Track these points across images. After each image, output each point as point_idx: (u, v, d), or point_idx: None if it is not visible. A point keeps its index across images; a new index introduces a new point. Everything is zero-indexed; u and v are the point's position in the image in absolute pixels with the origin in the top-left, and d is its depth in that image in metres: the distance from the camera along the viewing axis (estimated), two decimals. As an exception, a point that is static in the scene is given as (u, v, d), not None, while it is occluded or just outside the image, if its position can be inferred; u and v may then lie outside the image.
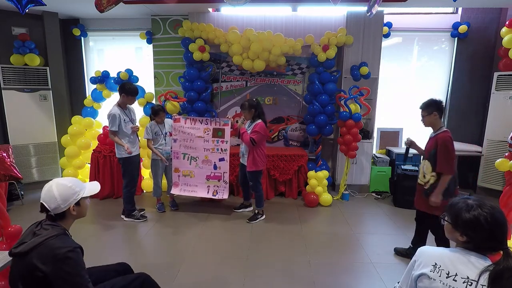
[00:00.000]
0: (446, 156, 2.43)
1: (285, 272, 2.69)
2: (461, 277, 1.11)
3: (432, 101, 2.56)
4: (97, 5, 2.70)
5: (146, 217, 3.73)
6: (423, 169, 2.62)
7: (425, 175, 2.59)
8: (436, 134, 2.57)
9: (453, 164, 2.46)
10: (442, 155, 2.44)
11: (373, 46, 4.46)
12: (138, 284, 1.73)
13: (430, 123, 2.59)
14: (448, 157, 2.43)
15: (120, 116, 3.42)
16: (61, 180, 1.47)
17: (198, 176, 3.96)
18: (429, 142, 2.64)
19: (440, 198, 2.45)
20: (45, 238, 1.34)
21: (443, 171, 2.44)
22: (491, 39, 4.68)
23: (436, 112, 2.53)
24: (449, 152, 2.43)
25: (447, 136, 2.47)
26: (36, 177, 4.76)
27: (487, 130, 4.57)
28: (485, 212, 1.13)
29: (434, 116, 2.54)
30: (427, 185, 2.56)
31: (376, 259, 2.91)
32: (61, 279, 1.30)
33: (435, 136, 2.56)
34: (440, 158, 2.45)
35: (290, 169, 4.40)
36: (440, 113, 2.54)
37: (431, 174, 2.52)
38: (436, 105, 2.53)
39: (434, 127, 2.60)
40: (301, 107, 4.88)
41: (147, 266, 2.65)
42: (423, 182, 2.61)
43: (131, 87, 3.48)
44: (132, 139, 3.57)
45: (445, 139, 2.45)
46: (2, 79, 4.37)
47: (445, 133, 2.50)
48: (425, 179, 2.58)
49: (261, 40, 4.08)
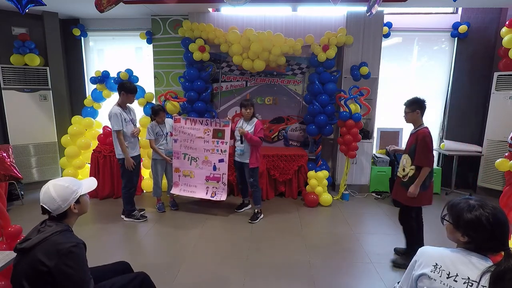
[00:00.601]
0: (425, 150, 2.56)
1: (285, 272, 2.69)
2: (461, 278, 1.11)
3: (416, 100, 2.69)
4: (97, 5, 2.70)
5: (146, 217, 3.73)
6: (403, 163, 2.75)
7: (404, 168, 2.71)
8: (416, 130, 2.68)
9: (432, 158, 2.60)
10: (422, 149, 2.57)
11: (373, 46, 4.46)
12: (138, 283, 1.74)
13: (412, 120, 2.72)
14: (427, 151, 2.56)
15: (121, 115, 3.42)
16: (57, 181, 1.48)
17: (198, 176, 3.96)
18: (410, 138, 2.75)
19: (417, 190, 2.59)
20: (50, 234, 1.38)
21: (422, 164, 2.57)
22: (491, 39, 4.68)
23: (418, 110, 2.66)
24: (428, 147, 2.56)
25: (426, 132, 2.60)
26: (36, 177, 4.76)
27: (487, 130, 4.57)
28: (487, 212, 1.13)
29: (416, 113, 2.68)
30: (405, 177, 2.69)
31: (376, 259, 2.91)
32: (64, 273, 1.33)
33: (415, 132, 2.68)
34: (419, 152, 2.57)
35: (290, 169, 4.40)
36: (422, 111, 2.68)
37: (410, 168, 2.65)
38: (419, 103, 2.67)
39: (415, 124, 2.73)
40: (301, 107, 4.88)
41: (147, 266, 2.65)
42: (402, 175, 2.74)
43: (130, 85, 3.49)
44: (133, 140, 3.57)
45: (424, 134, 2.58)
46: (2, 79, 4.37)
47: (425, 129, 2.63)
48: (404, 172, 2.71)
49: (261, 40, 4.08)
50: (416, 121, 2.70)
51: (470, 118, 4.89)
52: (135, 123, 3.65)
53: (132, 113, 3.65)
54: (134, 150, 3.57)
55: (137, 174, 3.74)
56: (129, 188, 3.63)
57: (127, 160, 3.46)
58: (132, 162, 3.49)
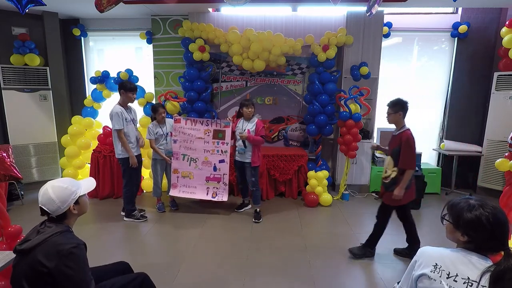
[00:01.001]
0: (409, 153, 2.57)
1: (285, 272, 2.69)
2: (461, 278, 1.11)
3: (399, 101, 2.68)
4: (97, 5, 2.69)
5: (146, 217, 3.73)
6: (385, 164, 2.77)
7: (386, 170, 2.73)
8: (399, 132, 2.69)
9: (414, 159, 2.62)
10: (405, 153, 2.58)
11: (373, 46, 4.46)
12: (138, 283, 1.74)
13: (395, 121, 2.71)
14: (411, 153, 2.58)
15: (122, 115, 3.42)
16: (56, 182, 1.47)
17: (198, 177, 3.95)
18: (392, 139, 2.75)
19: (403, 191, 2.61)
20: (50, 235, 1.37)
21: (406, 167, 2.59)
22: (491, 39, 4.68)
23: (401, 112, 2.65)
24: (411, 149, 2.58)
25: (409, 134, 2.61)
26: (36, 177, 4.76)
27: (487, 130, 4.57)
28: (487, 212, 1.13)
29: (399, 115, 2.66)
30: (388, 179, 2.71)
31: (376, 259, 2.91)
32: (64, 274, 1.32)
33: (398, 134, 2.68)
34: (403, 155, 2.59)
35: (290, 169, 4.40)
36: (405, 113, 2.67)
37: (393, 169, 2.68)
38: (402, 105, 2.65)
39: (398, 125, 2.72)
40: (301, 107, 4.88)
41: (147, 266, 2.65)
42: (384, 177, 2.77)
43: (129, 83, 3.51)
44: (134, 141, 3.57)
45: (408, 137, 2.59)
46: (2, 79, 4.37)
47: (408, 131, 2.63)
48: (387, 173, 2.73)
49: (261, 40, 4.08)
50: (398, 123, 2.70)
51: (470, 118, 4.89)
52: (136, 123, 3.66)
53: (133, 113, 3.65)
54: (135, 150, 3.58)
55: (138, 174, 3.74)
56: (130, 187, 3.63)
57: (131, 158, 3.48)
58: (136, 161, 3.52)
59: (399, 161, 2.62)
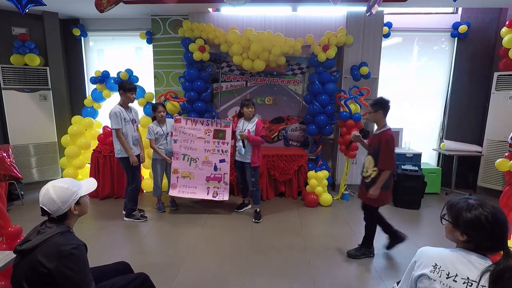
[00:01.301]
0: (387, 153, 2.56)
1: (285, 272, 2.69)
2: (461, 278, 1.11)
3: (380, 100, 2.67)
4: (97, 5, 2.70)
5: (146, 218, 3.73)
6: (366, 164, 2.75)
7: (367, 169, 2.72)
8: (380, 131, 2.67)
9: (393, 160, 2.61)
10: (384, 153, 2.57)
11: (373, 46, 4.46)
12: (138, 283, 1.74)
13: (375, 120, 2.71)
14: (389, 154, 2.57)
15: (121, 114, 3.43)
16: (57, 182, 1.47)
17: (198, 177, 3.95)
18: (373, 138, 2.74)
19: (378, 191, 2.61)
20: (50, 235, 1.37)
21: (384, 168, 2.58)
22: (491, 39, 4.68)
23: (381, 111, 2.64)
24: (390, 150, 2.56)
25: (389, 134, 2.59)
26: (36, 177, 4.76)
27: (487, 130, 4.57)
28: (486, 211, 1.13)
29: (379, 114, 2.65)
30: (368, 178, 2.70)
31: (376, 259, 2.91)
32: (65, 275, 1.32)
33: (379, 133, 2.67)
34: (382, 155, 2.58)
35: (290, 169, 4.40)
36: (385, 112, 2.66)
37: (373, 169, 2.66)
38: (382, 104, 2.64)
39: (378, 124, 2.71)
40: (301, 107, 4.88)
41: (147, 266, 2.65)
42: (365, 176, 2.75)
43: (128, 84, 3.53)
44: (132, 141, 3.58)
45: (388, 137, 2.57)
46: (2, 79, 4.37)
47: (388, 131, 2.62)
48: (367, 173, 2.71)
49: (261, 40, 4.08)
50: (379, 122, 2.69)
51: (470, 118, 4.89)
52: (135, 123, 3.66)
53: (134, 113, 3.66)
54: (135, 149, 3.59)
55: (139, 172, 3.75)
56: (135, 185, 3.64)
57: (131, 157, 3.49)
58: (136, 160, 3.54)
59: (378, 161, 2.62)
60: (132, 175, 3.61)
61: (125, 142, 3.46)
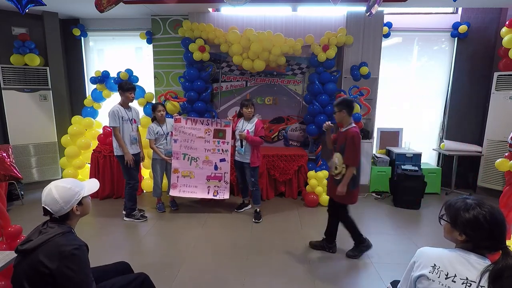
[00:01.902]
0: (353, 149, 2.64)
1: (285, 272, 2.69)
2: (460, 278, 1.11)
3: (343, 100, 2.75)
4: (97, 5, 2.70)
5: (146, 217, 3.74)
6: (335, 161, 2.80)
7: (337, 167, 2.77)
8: (345, 129, 2.74)
9: (358, 157, 2.71)
10: (349, 149, 2.65)
11: (373, 46, 4.46)
12: (138, 283, 1.74)
13: (340, 119, 2.77)
14: (355, 150, 2.65)
15: (119, 113, 3.46)
16: (60, 182, 1.47)
17: (198, 176, 3.95)
18: (340, 136, 2.79)
19: (345, 188, 2.68)
20: (52, 235, 1.37)
21: (349, 163, 2.66)
22: (491, 39, 4.68)
23: (345, 110, 2.71)
24: (355, 146, 2.64)
25: (355, 131, 2.67)
26: (36, 177, 4.76)
27: (487, 130, 4.57)
28: (484, 211, 1.14)
29: (343, 113, 2.72)
30: (338, 176, 2.75)
31: (376, 259, 2.91)
32: (66, 276, 1.32)
33: (344, 131, 2.74)
34: (347, 152, 2.66)
35: (290, 169, 4.40)
36: (349, 111, 2.74)
37: (342, 166, 2.72)
38: (345, 104, 2.72)
39: (344, 123, 2.77)
40: (301, 107, 4.89)
41: (147, 266, 2.65)
42: (335, 173, 2.79)
43: (126, 84, 3.55)
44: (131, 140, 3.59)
45: (353, 134, 2.65)
46: (2, 79, 4.37)
47: (353, 128, 2.70)
48: (337, 170, 2.76)
49: (261, 40, 4.08)
50: (344, 121, 2.76)
51: (470, 118, 4.89)
52: (135, 123, 3.67)
53: (134, 113, 3.67)
54: (131, 149, 3.60)
55: (137, 171, 3.75)
56: (132, 184, 3.65)
57: (126, 155, 3.50)
58: (132, 158, 3.53)
59: (344, 157, 2.69)
60: (128, 173, 3.62)
61: (121, 140, 3.48)
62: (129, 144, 3.58)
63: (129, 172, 3.61)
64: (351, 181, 2.68)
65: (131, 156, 3.54)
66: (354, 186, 2.73)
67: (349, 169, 2.66)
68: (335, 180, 2.78)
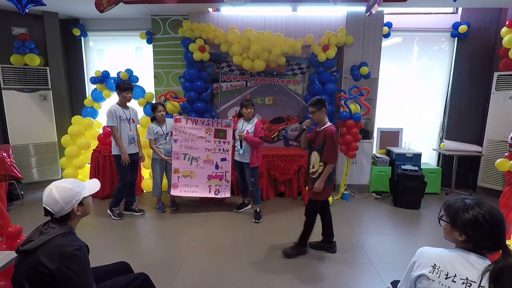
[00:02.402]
0: (331, 147, 2.68)
1: (285, 272, 2.69)
2: (460, 278, 1.11)
3: (320, 100, 2.77)
4: (97, 5, 2.69)
5: (122, 217, 3.76)
6: (312, 160, 2.83)
7: (314, 165, 2.80)
8: (323, 128, 2.77)
9: (337, 154, 2.78)
10: (329, 147, 2.68)
11: (373, 46, 4.46)
12: (138, 283, 1.74)
13: (319, 118, 2.79)
14: (333, 148, 2.70)
15: (116, 112, 3.48)
16: (61, 182, 1.47)
17: (199, 176, 3.96)
18: (317, 135, 2.80)
19: (322, 184, 2.72)
20: (53, 236, 1.37)
21: (328, 161, 2.71)
22: (491, 39, 4.68)
23: (323, 109, 2.77)
24: (334, 144, 2.69)
25: (333, 129, 2.72)
26: (36, 177, 4.76)
27: (487, 130, 4.57)
28: (483, 210, 1.14)
29: (322, 112, 2.77)
30: (315, 174, 2.78)
31: (376, 259, 2.91)
32: (66, 277, 1.32)
33: (322, 129, 2.76)
34: (327, 150, 2.69)
35: (290, 169, 4.40)
36: (326, 110, 2.80)
37: (319, 164, 2.76)
38: (323, 103, 2.76)
39: (321, 122, 2.80)
40: (301, 107, 4.88)
41: (147, 266, 2.65)
42: (312, 172, 2.83)
43: (123, 83, 3.58)
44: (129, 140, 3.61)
45: (331, 132, 2.69)
46: (2, 79, 4.37)
47: (331, 127, 2.74)
48: (314, 169, 2.80)
49: (261, 40, 4.08)
50: (322, 119, 2.80)
51: (470, 118, 4.89)
52: (133, 123, 3.68)
53: (132, 113, 3.69)
54: (129, 148, 3.61)
55: (131, 171, 3.76)
56: (123, 184, 3.68)
57: (123, 154, 3.53)
58: (128, 158, 3.55)
59: (322, 155, 2.72)
60: (122, 173, 3.65)
61: (119, 139, 3.51)
62: (127, 144, 3.60)
63: (122, 172, 3.64)
64: (327, 177, 2.74)
65: (127, 156, 3.55)
66: (329, 182, 2.79)
67: (328, 166, 2.71)
68: (312, 179, 2.82)
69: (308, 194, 2.90)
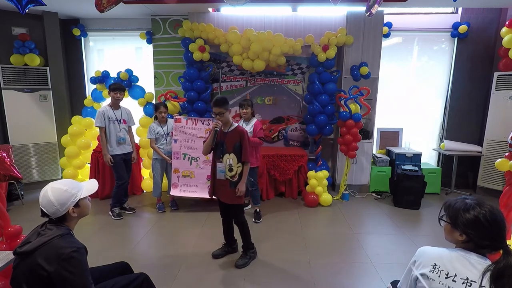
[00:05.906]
0: (248, 146, 2.66)
1: (285, 272, 2.69)
2: (460, 278, 1.11)
3: (225, 98, 2.63)
4: (97, 5, 2.69)
5: (122, 217, 3.77)
6: (229, 163, 2.64)
7: (232, 168, 2.66)
8: (233, 128, 2.67)
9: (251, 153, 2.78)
10: (246, 145, 2.63)
11: (373, 46, 4.46)
12: (138, 283, 1.74)
13: (227, 119, 2.65)
14: (249, 146, 2.69)
15: (105, 113, 3.51)
16: (56, 184, 1.45)
17: (199, 176, 3.96)
18: (229, 136, 2.64)
19: (244, 185, 2.67)
20: (50, 238, 1.36)
21: (248, 160, 2.65)
22: (491, 39, 4.68)
23: (230, 109, 2.77)
24: (249, 142, 2.69)
25: (244, 129, 2.69)
26: (36, 177, 4.76)
27: (487, 130, 4.57)
28: (484, 210, 1.14)
29: (229, 112, 2.77)
30: (235, 177, 2.66)
31: (376, 259, 2.91)
32: (64, 279, 1.31)
33: (233, 130, 2.66)
34: (246, 148, 2.63)
35: (290, 169, 4.40)
36: None
37: (238, 166, 2.67)
38: (228, 102, 2.66)
39: (229, 122, 2.69)
40: (301, 107, 4.88)
41: (147, 266, 2.65)
42: (230, 176, 2.66)
43: (113, 84, 3.61)
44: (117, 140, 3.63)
45: (244, 131, 2.66)
46: (2, 79, 4.37)
47: (240, 126, 2.71)
48: (233, 172, 2.66)
49: (261, 40, 4.08)
50: (229, 120, 2.68)
51: (470, 118, 4.89)
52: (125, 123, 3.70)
53: (125, 113, 3.72)
54: (113, 149, 3.62)
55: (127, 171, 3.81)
56: (120, 184, 3.71)
57: (104, 156, 3.58)
58: (109, 159, 3.57)
59: (241, 155, 2.63)
60: (116, 173, 3.70)
61: (104, 140, 3.55)
62: (116, 144, 3.61)
63: (117, 172, 3.68)
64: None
65: (110, 157, 3.58)
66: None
67: (246, 166, 2.66)
68: (232, 182, 2.65)
69: (228, 200, 2.70)
